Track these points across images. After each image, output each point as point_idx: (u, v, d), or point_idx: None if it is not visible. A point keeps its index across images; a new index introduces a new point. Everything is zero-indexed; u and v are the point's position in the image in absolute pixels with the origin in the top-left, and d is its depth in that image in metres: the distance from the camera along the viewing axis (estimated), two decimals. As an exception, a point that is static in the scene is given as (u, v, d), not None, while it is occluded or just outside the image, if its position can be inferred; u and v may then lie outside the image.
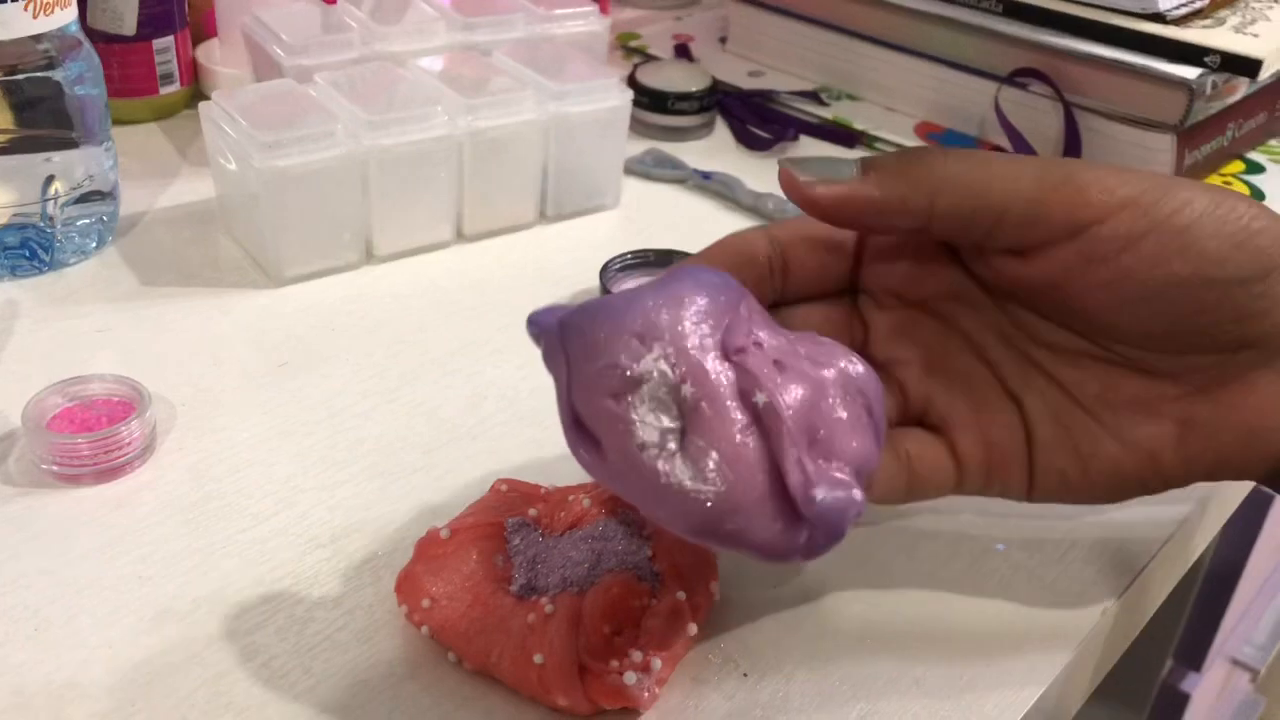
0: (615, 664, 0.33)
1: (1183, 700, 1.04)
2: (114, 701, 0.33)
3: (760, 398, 0.29)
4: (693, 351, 0.29)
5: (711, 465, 0.29)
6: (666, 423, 0.29)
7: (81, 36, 0.52)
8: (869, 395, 0.32)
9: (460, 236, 0.58)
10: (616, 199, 0.62)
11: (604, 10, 0.74)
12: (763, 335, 0.31)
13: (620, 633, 0.34)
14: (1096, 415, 0.35)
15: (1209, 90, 0.61)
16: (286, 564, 0.39)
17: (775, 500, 0.29)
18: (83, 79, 0.52)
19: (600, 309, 0.30)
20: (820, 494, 0.29)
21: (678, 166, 0.65)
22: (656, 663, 0.33)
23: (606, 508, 0.38)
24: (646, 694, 0.33)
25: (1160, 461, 0.35)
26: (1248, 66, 0.60)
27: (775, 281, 0.36)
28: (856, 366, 0.32)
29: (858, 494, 0.30)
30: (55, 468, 0.41)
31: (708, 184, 0.64)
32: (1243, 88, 0.64)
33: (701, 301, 0.30)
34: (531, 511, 0.38)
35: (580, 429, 0.30)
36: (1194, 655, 1.03)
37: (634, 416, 0.29)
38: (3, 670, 0.34)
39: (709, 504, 0.29)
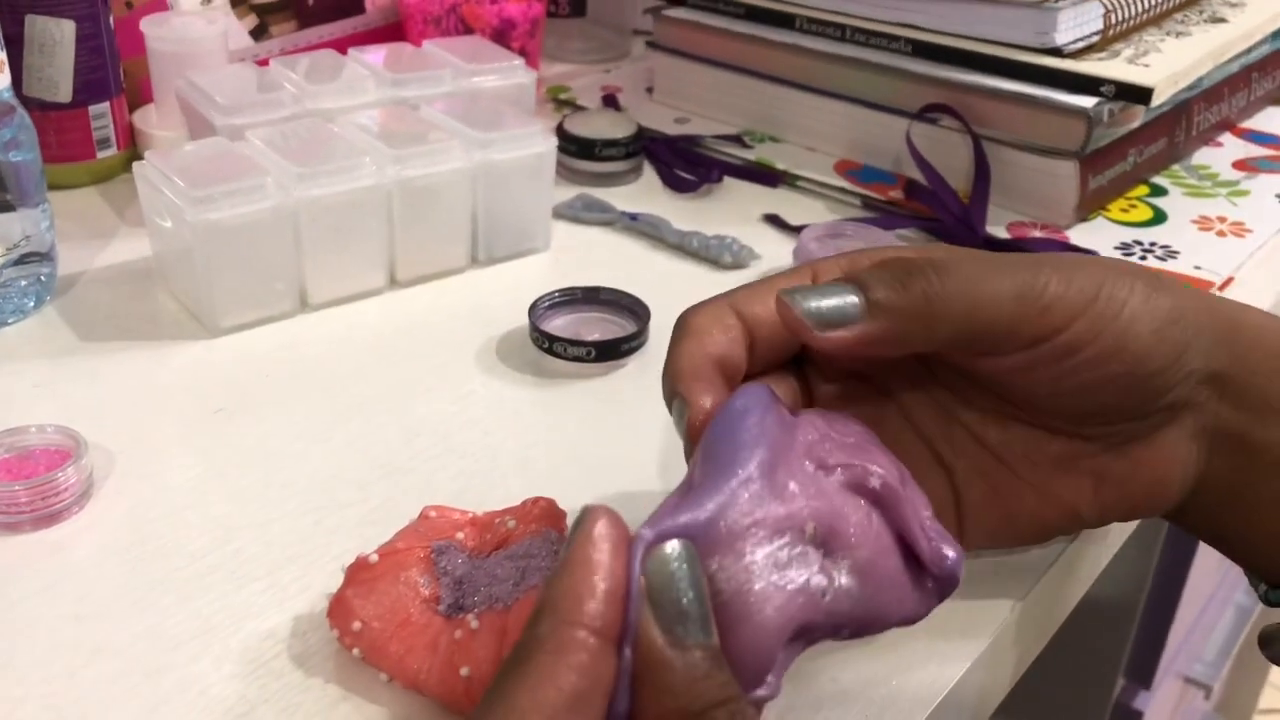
0: (539, 673, 0.34)
1: (1136, 718, 1.06)
2: (51, 734, 0.34)
3: (874, 482, 0.32)
4: (811, 503, 0.30)
5: (867, 584, 0.31)
6: (815, 566, 0.30)
7: (15, 103, 0.54)
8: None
9: (393, 283, 0.59)
10: (547, 242, 0.64)
11: (532, 64, 0.77)
12: (821, 424, 0.33)
13: (544, 644, 0.35)
14: (1021, 473, 0.38)
15: (1106, 118, 0.64)
16: (223, 598, 0.40)
17: (910, 573, 0.32)
18: (17, 144, 0.54)
19: (705, 534, 0.28)
20: (950, 553, 0.32)
21: (606, 210, 0.67)
22: (580, 670, 0.35)
23: (531, 528, 0.39)
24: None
25: (1079, 511, 0.38)
26: (1140, 95, 0.63)
27: (743, 370, 0.36)
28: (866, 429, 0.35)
29: (959, 545, 0.33)
30: (-7, 516, 0.42)
31: (635, 225, 0.66)
32: (1140, 115, 0.67)
33: (775, 455, 0.30)
34: (459, 535, 0.39)
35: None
36: (1143, 673, 1.05)
37: (791, 587, 0.29)
38: (-59, 711, 0.35)
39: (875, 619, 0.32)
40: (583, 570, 0.26)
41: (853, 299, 0.34)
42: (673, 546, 0.27)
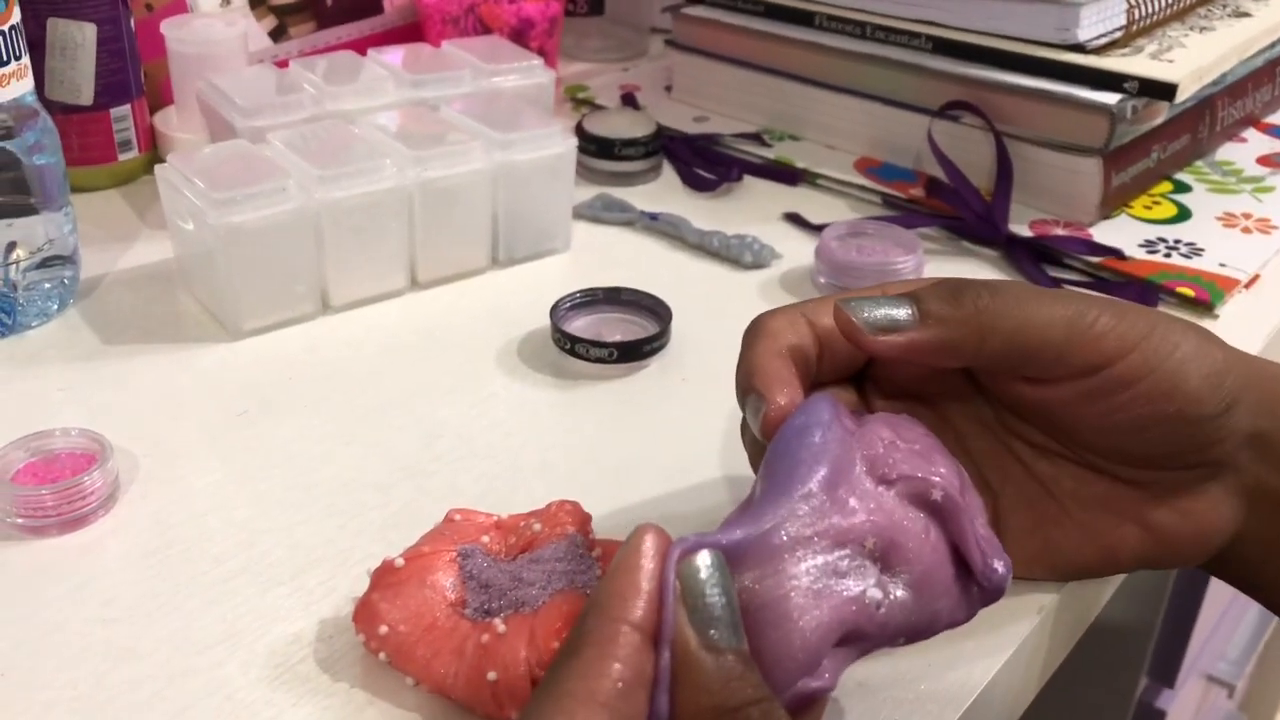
0: (566, 678, 0.34)
1: (1159, 718, 1.05)
2: (79, 739, 0.34)
3: (936, 495, 0.32)
4: (874, 518, 0.31)
5: (921, 597, 0.32)
6: (872, 580, 0.31)
7: (38, 106, 0.54)
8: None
9: (414, 284, 0.59)
10: (567, 242, 0.64)
11: (550, 64, 0.77)
12: (886, 433, 0.34)
13: (570, 648, 0.35)
14: (1067, 509, 0.39)
15: (1129, 114, 0.64)
16: (248, 601, 0.40)
17: (959, 582, 0.33)
18: (40, 147, 0.54)
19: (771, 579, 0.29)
20: (1000, 567, 0.33)
21: (626, 209, 0.67)
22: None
23: (556, 531, 0.39)
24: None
25: (1118, 554, 0.38)
26: (1164, 91, 0.63)
27: (813, 370, 0.38)
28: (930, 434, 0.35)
29: (1008, 556, 0.34)
30: (20, 520, 0.42)
31: (655, 224, 0.66)
32: (1164, 112, 0.67)
33: (837, 472, 0.31)
34: (484, 539, 0.39)
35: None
36: (1167, 671, 1.04)
37: (847, 594, 0.30)
38: (-30, 715, 0.35)
39: (927, 626, 0.32)
40: (628, 575, 0.28)
41: (906, 309, 0.36)
42: (703, 556, 0.29)
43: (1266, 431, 0.36)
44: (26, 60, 0.52)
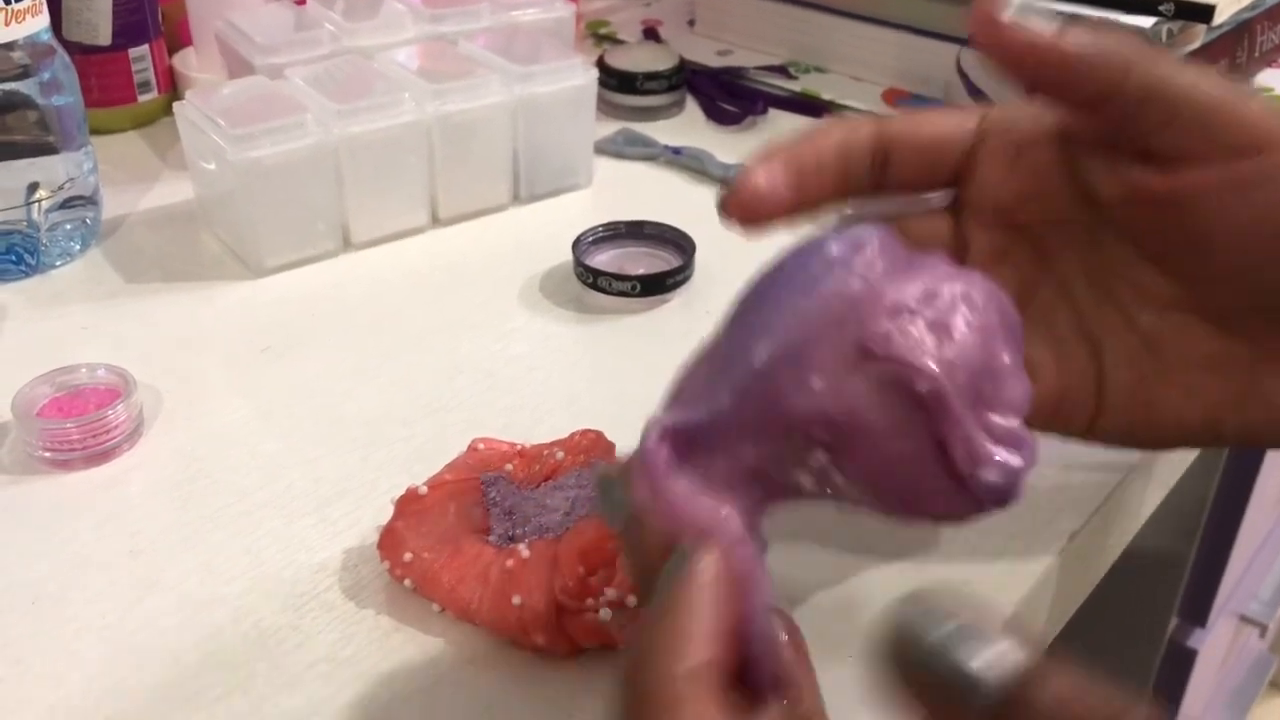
0: (591, 602, 0.34)
1: (1190, 656, 1.05)
2: (109, 665, 0.35)
3: (921, 387, 0.28)
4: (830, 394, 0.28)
5: (878, 487, 0.29)
6: (816, 467, 0.29)
7: (55, 44, 0.54)
8: (1018, 328, 0.31)
9: (436, 221, 0.59)
10: (589, 178, 0.63)
11: (571, -2, 0.76)
12: (911, 291, 0.29)
13: (595, 573, 0.35)
14: (1170, 367, 0.34)
15: (1165, 38, 0.62)
16: (273, 533, 0.40)
17: (948, 477, 0.29)
18: (58, 86, 0.53)
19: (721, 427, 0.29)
20: (991, 476, 0.29)
21: (648, 144, 0.66)
22: (631, 599, 0.34)
23: (580, 459, 0.39)
24: (623, 630, 0.34)
25: (1221, 421, 0.34)
26: (1201, 13, 0.61)
27: (874, 174, 0.35)
28: (1007, 301, 0.31)
29: (1018, 460, 0.29)
30: (46, 454, 0.42)
31: (678, 159, 0.65)
32: (1201, 35, 0.65)
33: (816, 332, 0.29)
34: (507, 467, 0.39)
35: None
36: (1198, 611, 1.04)
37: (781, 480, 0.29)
38: (3, 642, 0.35)
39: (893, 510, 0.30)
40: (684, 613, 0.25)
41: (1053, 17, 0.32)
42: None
43: None
44: (42, -3, 0.52)
